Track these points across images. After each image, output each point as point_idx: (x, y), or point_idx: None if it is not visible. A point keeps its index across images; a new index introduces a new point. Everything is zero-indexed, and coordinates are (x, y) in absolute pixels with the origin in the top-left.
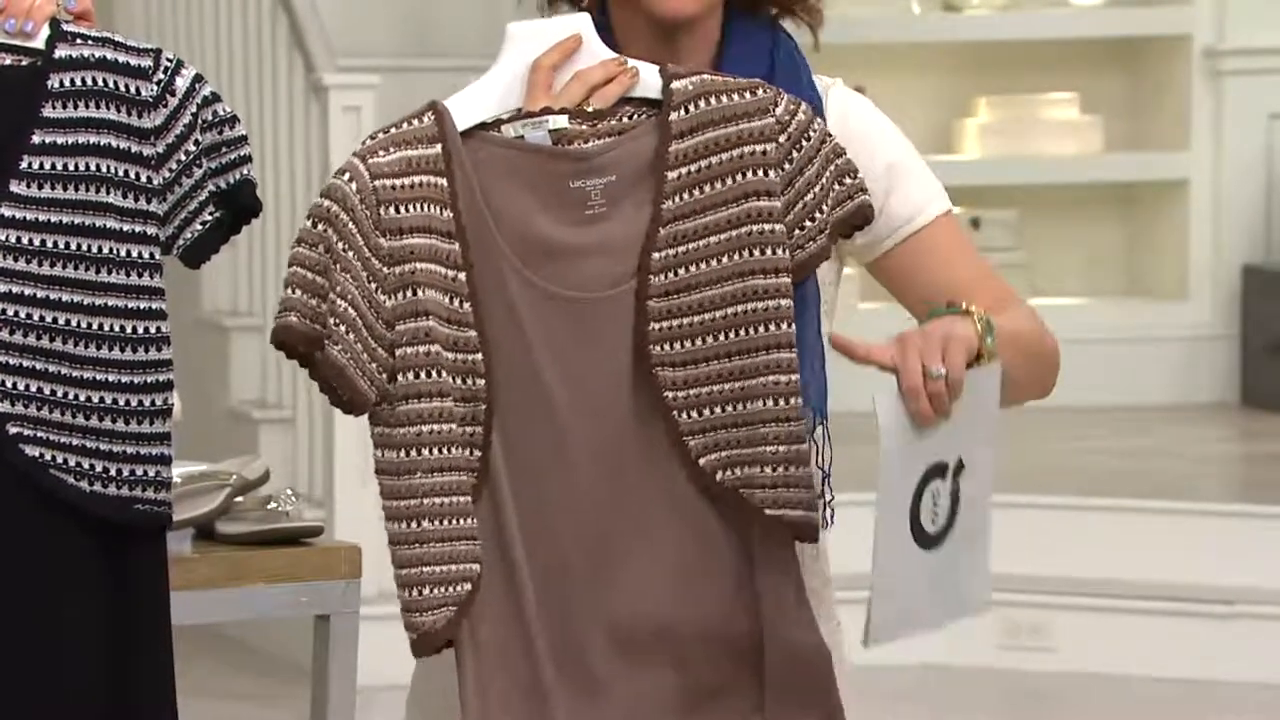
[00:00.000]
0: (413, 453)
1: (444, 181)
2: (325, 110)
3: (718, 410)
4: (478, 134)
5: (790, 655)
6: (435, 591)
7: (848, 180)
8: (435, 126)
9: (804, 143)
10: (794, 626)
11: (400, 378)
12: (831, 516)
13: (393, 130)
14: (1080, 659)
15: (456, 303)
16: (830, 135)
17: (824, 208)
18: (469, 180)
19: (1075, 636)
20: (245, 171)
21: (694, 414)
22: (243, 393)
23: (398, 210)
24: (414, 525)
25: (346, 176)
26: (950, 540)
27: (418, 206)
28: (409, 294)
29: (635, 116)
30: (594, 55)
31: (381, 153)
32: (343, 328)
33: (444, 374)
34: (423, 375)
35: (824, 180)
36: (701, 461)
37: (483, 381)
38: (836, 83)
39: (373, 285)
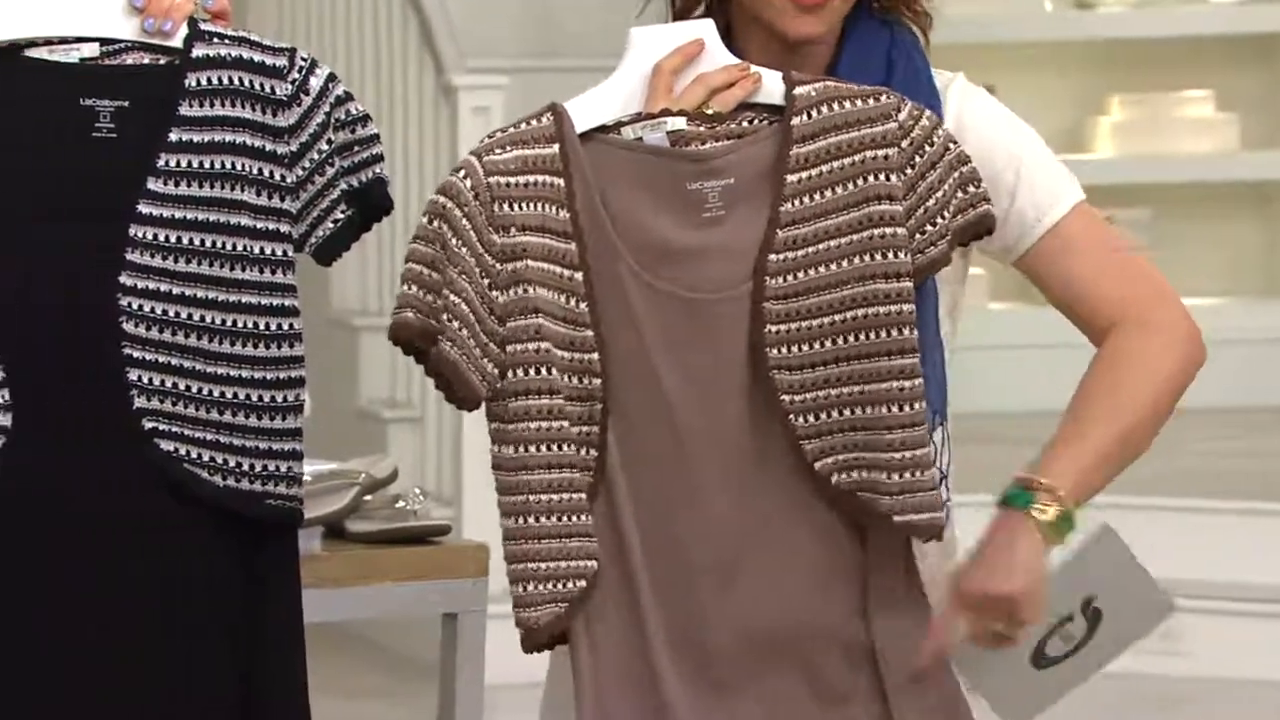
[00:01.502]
0: (523, 449)
1: (560, 181)
2: (455, 111)
3: (835, 414)
4: (596, 136)
5: (910, 656)
6: (543, 587)
7: (971, 189)
8: (554, 127)
9: (927, 148)
10: (913, 627)
11: (510, 374)
12: (948, 518)
13: (511, 130)
14: (1212, 663)
15: (572, 302)
16: (955, 142)
17: (945, 214)
18: (586, 180)
19: (1208, 641)
20: (377, 170)
21: (811, 418)
22: (372, 392)
23: (512, 207)
24: (523, 521)
25: (462, 173)
26: (1063, 666)
27: (533, 205)
28: (520, 291)
29: (755, 121)
30: (716, 60)
31: (498, 150)
32: (456, 323)
33: (555, 372)
34: (532, 372)
35: (946, 186)
36: (818, 465)
37: (598, 381)
38: (958, 77)
39: (485, 281)
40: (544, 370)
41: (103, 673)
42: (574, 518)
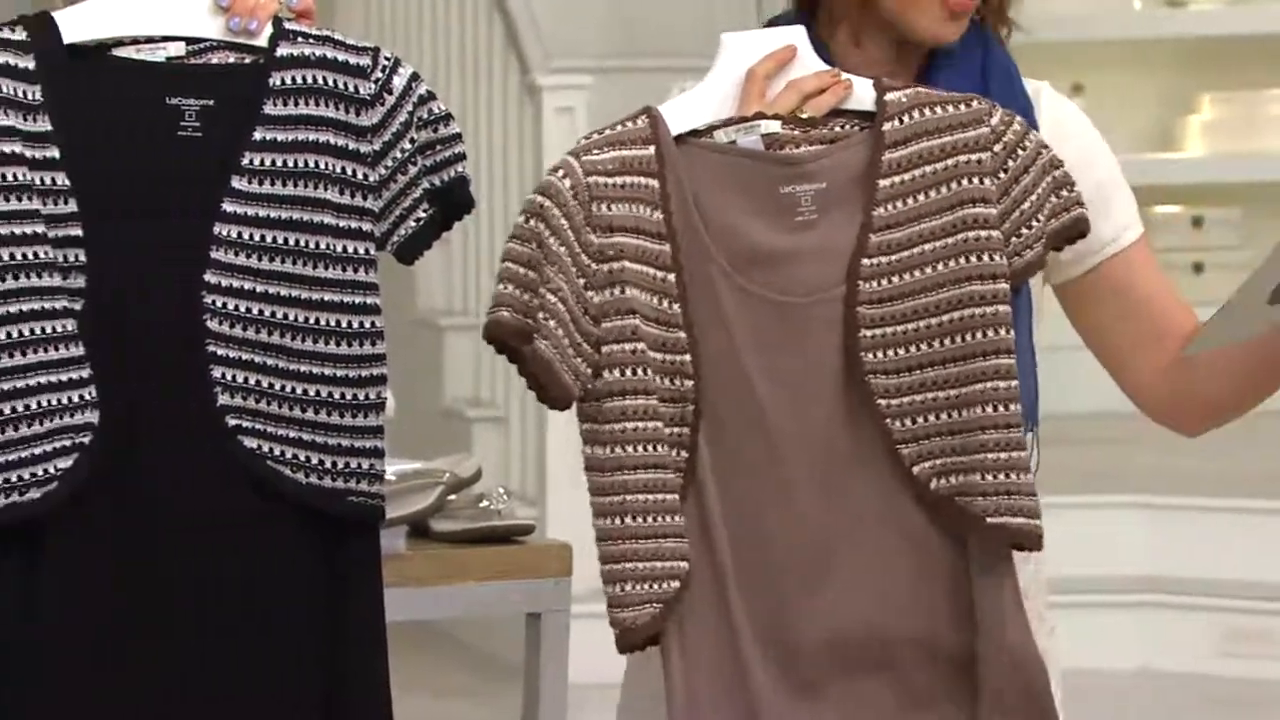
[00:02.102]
0: (618, 449)
1: (655, 183)
2: (539, 111)
3: (932, 418)
4: (690, 139)
5: (1006, 664)
6: (639, 588)
7: (1065, 192)
8: (649, 129)
9: (1020, 152)
10: (1010, 635)
11: (605, 374)
12: None
13: (607, 131)
14: None
15: (665, 303)
16: (1047, 147)
17: (1040, 217)
18: (680, 183)
19: None
20: (460, 169)
21: (908, 421)
22: (456, 391)
23: (608, 208)
24: (619, 521)
25: (560, 173)
26: None
27: (628, 206)
28: (616, 291)
29: (847, 126)
30: (807, 67)
31: (596, 151)
32: (552, 322)
33: (649, 372)
34: (628, 373)
35: (1040, 190)
36: (915, 469)
37: (691, 383)
38: (1045, 85)
39: (581, 281)
40: (639, 371)
41: (187, 668)
42: (668, 518)
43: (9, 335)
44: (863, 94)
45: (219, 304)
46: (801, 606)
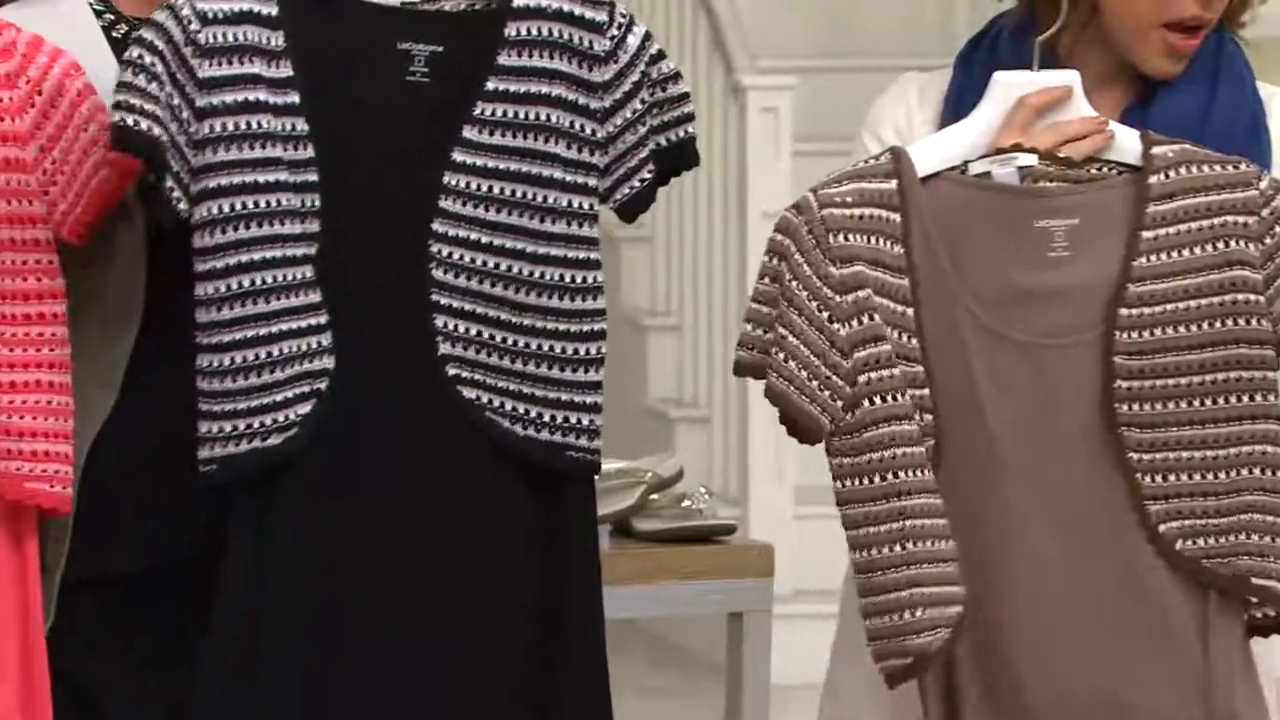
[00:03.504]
0: (890, 476)
1: (896, 216)
2: (743, 111)
3: (1184, 477)
4: (941, 175)
5: None
6: (928, 613)
7: None
8: (892, 164)
9: None
10: (1243, 703)
11: (866, 403)
12: None
13: (849, 169)
14: None
15: (904, 338)
16: None
17: None
18: (923, 217)
19: None
20: (689, 129)
21: (1159, 478)
22: (660, 391)
23: (846, 238)
24: (901, 548)
25: (795, 209)
26: None
27: (866, 239)
28: (865, 319)
29: (1104, 169)
30: (1077, 111)
31: (834, 185)
32: (782, 355)
33: (908, 397)
34: (890, 399)
35: None
36: (1162, 528)
37: (930, 417)
38: (1278, 92)
39: (824, 315)
40: (901, 396)
41: (406, 613)
42: (946, 542)
43: (252, 283)
44: (1126, 144)
45: (445, 253)
46: (1029, 663)
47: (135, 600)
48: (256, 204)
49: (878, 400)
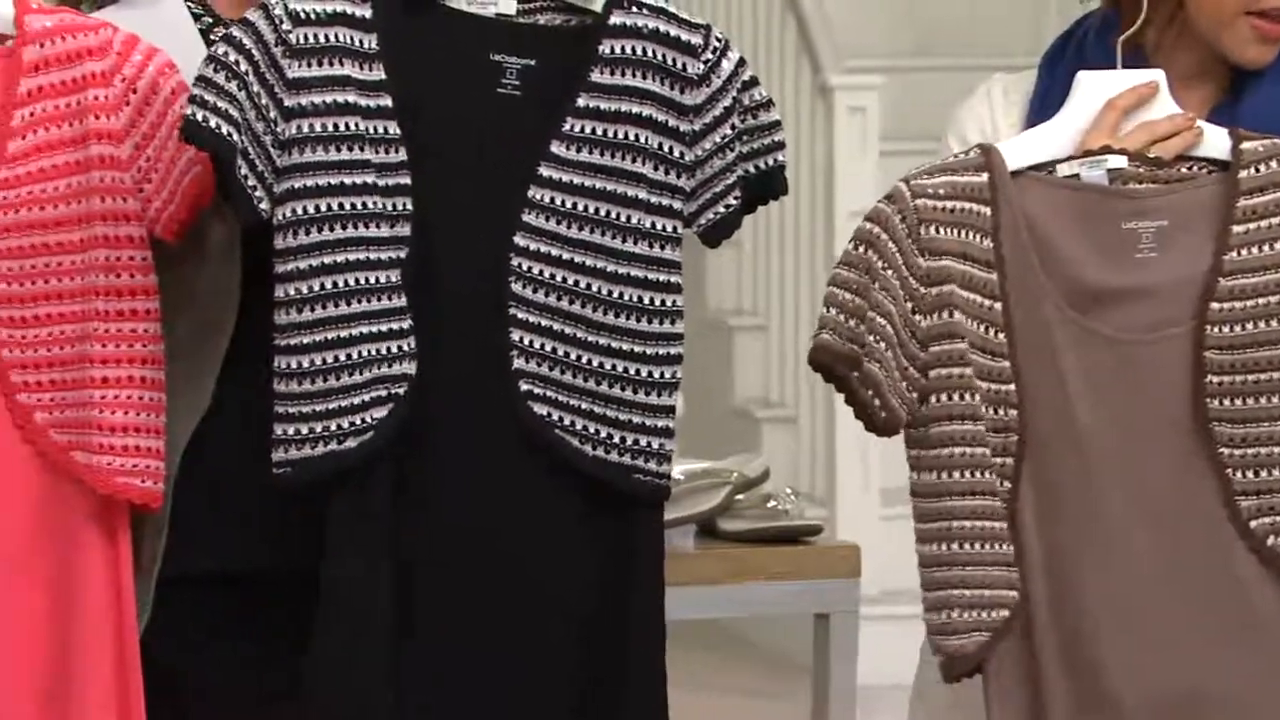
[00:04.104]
0: (942, 475)
1: (987, 210)
2: (830, 111)
3: (1275, 473)
4: (1028, 173)
5: None
6: (967, 615)
7: None
8: (983, 159)
9: None
10: None
11: (933, 399)
12: None
13: (940, 162)
14: None
15: (991, 332)
16: None
17: None
18: (1014, 212)
19: None
20: (779, 157)
21: (1250, 474)
22: (746, 391)
23: (936, 231)
24: (945, 548)
25: (889, 199)
26: None
27: (956, 232)
28: (944, 315)
29: (1194, 169)
30: (1165, 108)
31: (926, 176)
32: (882, 344)
33: (976, 398)
34: (955, 397)
35: None
36: (1254, 524)
37: (1015, 412)
38: None
39: (909, 305)
40: (968, 396)
41: (467, 622)
42: (995, 546)
43: (335, 285)
44: (1215, 141)
45: (525, 268)
46: (1119, 658)
47: (231, 598)
48: (343, 205)
49: (943, 397)
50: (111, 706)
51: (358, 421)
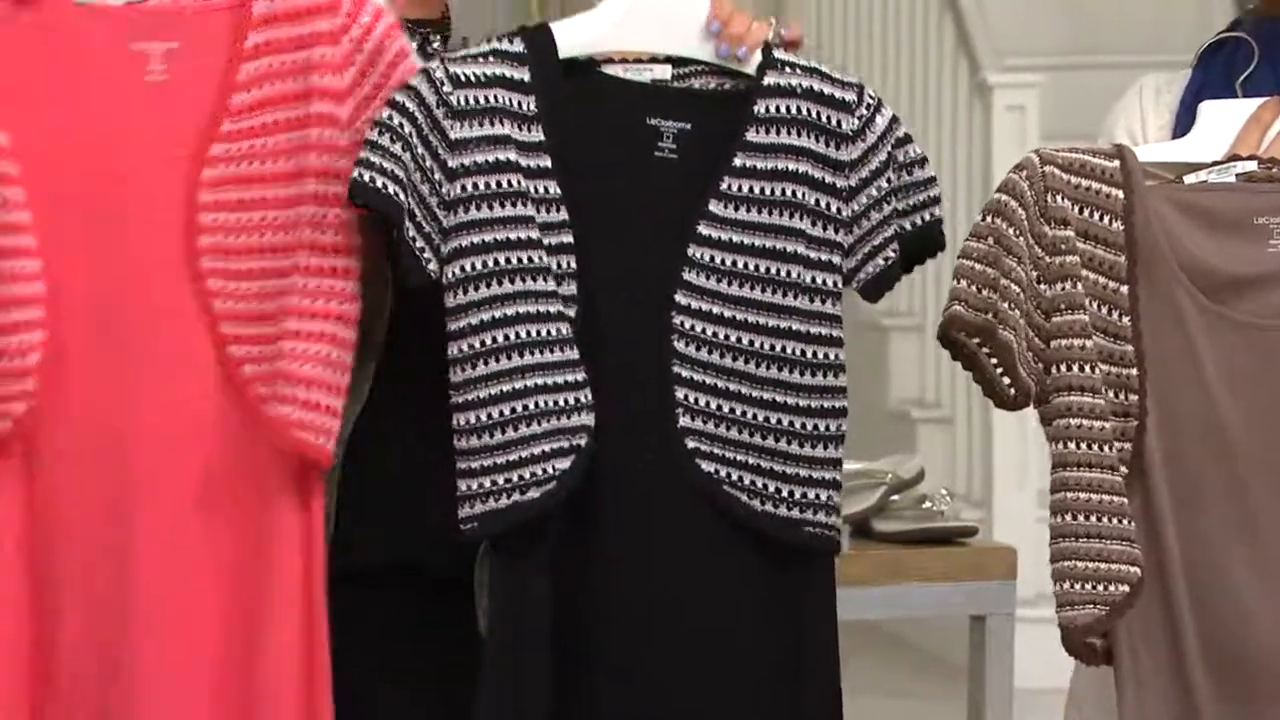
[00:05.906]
0: (1060, 445)
1: (1119, 193)
2: (988, 110)
3: None
4: (1161, 180)
5: None
6: (1081, 587)
7: None
8: (1116, 149)
9: None
10: None
11: (1054, 370)
12: None
13: (1077, 145)
14: None
15: (1115, 315)
16: None
17: None
18: (1145, 199)
19: None
20: (935, 213)
21: None
22: (902, 392)
23: (1063, 200)
24: (1063, 519)
25: (1018, 168)
26: None
27: (1080, 209)
28: (1068, 285)
29: None
30: None
31: (1058, 152)
32: (1016, 312)
33: (1097, 371)
34: (1075, 369)
35: None
36: None
37: (1135, 398)
38: None
39: (1034, 273)
40: (1088, 368)
41: (639, 681)
42: (1112, 520)
43: (506, 338)
44: None
45: (686, 325)
46: (1266, 649)
47: (384, 600)
48: (509, 260)
49: (1064, 368)
50: (297, 668)
51: (539, 472)
